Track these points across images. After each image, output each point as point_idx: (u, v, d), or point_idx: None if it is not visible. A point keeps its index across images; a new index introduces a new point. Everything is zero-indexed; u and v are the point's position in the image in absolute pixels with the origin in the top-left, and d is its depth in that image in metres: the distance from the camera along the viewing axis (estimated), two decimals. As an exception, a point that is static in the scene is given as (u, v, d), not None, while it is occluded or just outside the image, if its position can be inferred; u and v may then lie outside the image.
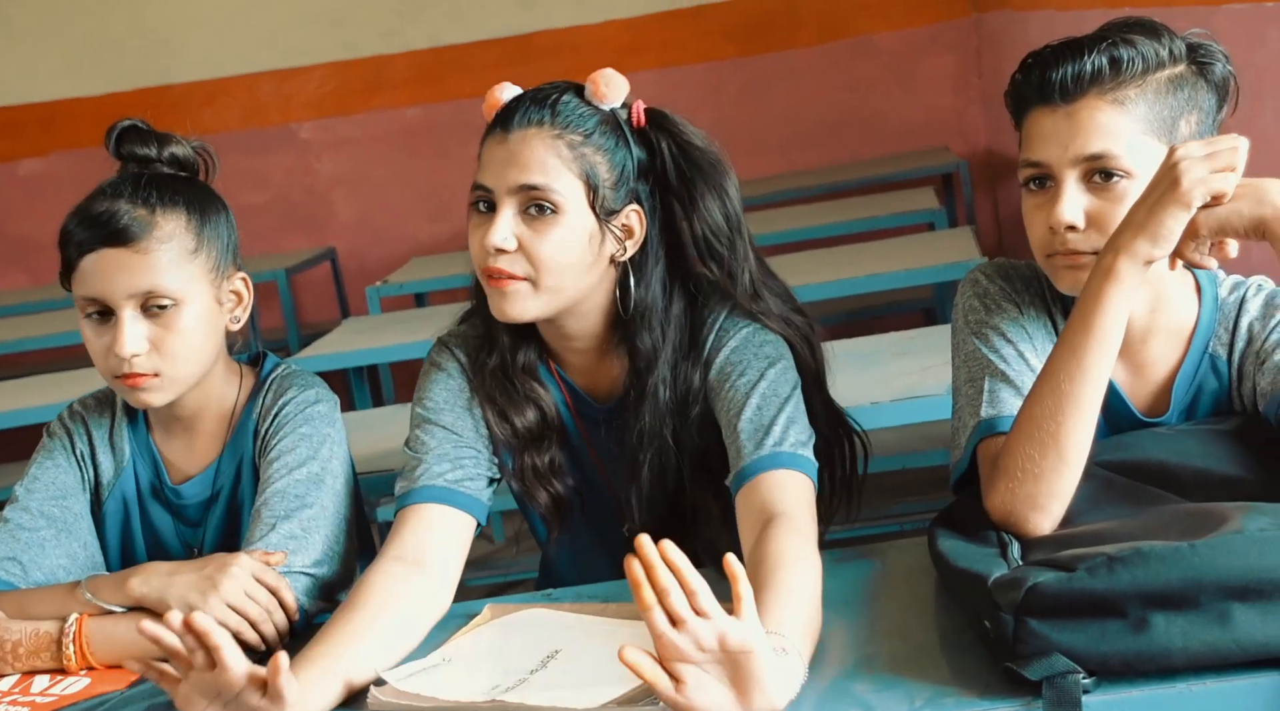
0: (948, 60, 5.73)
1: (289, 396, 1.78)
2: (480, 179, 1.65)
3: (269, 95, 5.92)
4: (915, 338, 2.63)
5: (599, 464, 1.79)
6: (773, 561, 1.42)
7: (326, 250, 5.60)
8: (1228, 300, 1.58)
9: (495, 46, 5.75)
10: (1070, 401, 1.42)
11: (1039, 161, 1.51)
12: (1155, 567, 1.21)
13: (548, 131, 1.62)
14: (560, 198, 1.62)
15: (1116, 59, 1.47)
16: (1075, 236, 1.49)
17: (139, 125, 1.76)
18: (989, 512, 1.47)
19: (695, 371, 1.69)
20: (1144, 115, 1.47)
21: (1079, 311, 1.44)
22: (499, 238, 1.61)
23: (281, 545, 1.64)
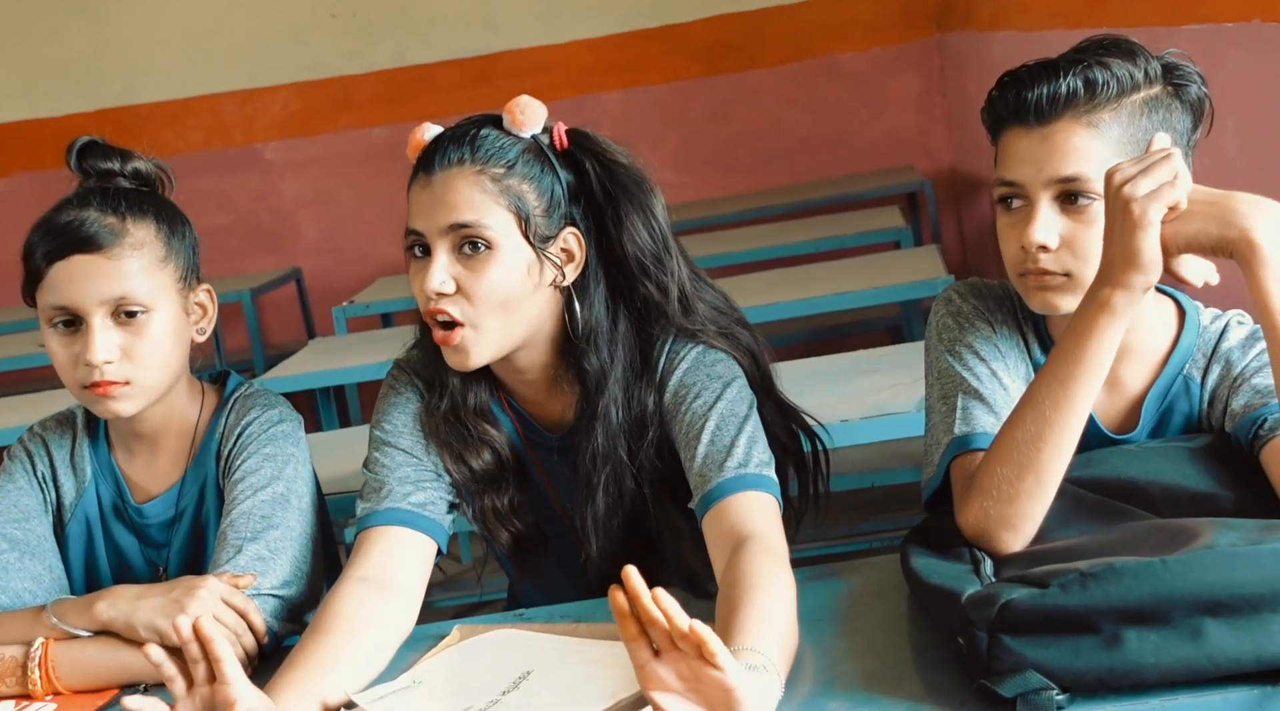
0: (911, 80, 5.77)
1: (252, 416, 1.77)
2: (411, 224, 1.63)
3: (233, 115, 5.90)
4: (883, 356, 2.64)
5: (553, 493, 1.78)
6: (746, 583, 1.42)
7: (292, 271, 5.57)
8: (1209, 328, 1.59)
9: (460, 67, 5.76)
10: (1052, 428, 1.42)
11: (1013, 181, 1.51)
12: (1128, 583, 1.21)
13: (469, 168, 1.60)
14: (491, 233, 1.60)
15: (1091, 81, 1.47)
16: (1047, 257, 1.49)
17: (98, 141, 1.76)
18: (961, 529, 1.47)
19: (649, 394, 1.68)
20: (1118, 138, 1.48)
21: (1069, 341, 1.43)
22: (436, 282, 1.59)
23: (249, 567, 1.63)
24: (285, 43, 5.83)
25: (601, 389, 1.67)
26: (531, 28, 5.74)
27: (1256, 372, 1.53)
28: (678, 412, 1.65)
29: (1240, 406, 1.52)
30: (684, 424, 1.64)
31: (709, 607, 1.54)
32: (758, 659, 1.28)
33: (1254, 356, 1.55)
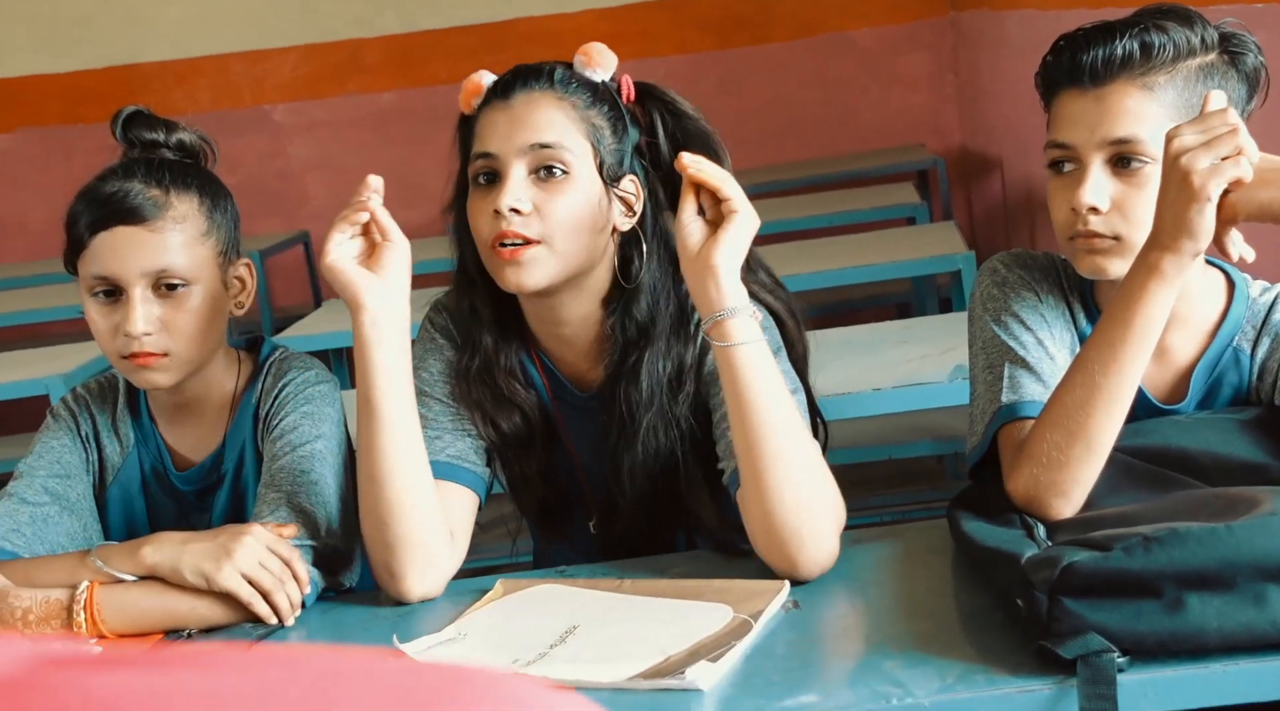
0: (924, 58, 5.76)
1: (289, 377, 1.78)
2: (482, 147, 1.62)
3: (241, 76, 5.86)
4: (912, 326, 2.64)
5: (574, 454, 1.78)
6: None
7: (299, 234, 5.55)
8: (1258, 300, 1.58)
9: (472, 33, 5.72)
10: (1103, 394, 1.42)
11: (1065, 143, 1.51)
12: (1192, 548, 1.21)
13: (552, 94, 1.62)
14: (571, 157, 1.60)
15: (1148, 44, 1.47)
16: (1097, 219, 1.49)
17: (144, 111, 1.75)
18: (1010, 496, 1.47)
19: (686, 349, 1.68)
20: (1172, 101, 1.48)
21: (1119, 305, 1.43)
22: (512, 198, 1.58)
23: (290, 519, 1.63)
24: (295, 4, 5.79)
25: (649, 338, 1.66)
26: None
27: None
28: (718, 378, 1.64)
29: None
30: None
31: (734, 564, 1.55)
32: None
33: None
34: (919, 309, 4.46)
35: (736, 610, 1.44)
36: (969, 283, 3.17)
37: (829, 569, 1.50)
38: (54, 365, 3.21)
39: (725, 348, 1.49)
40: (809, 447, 1.52)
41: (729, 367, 1.50)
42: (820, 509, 1.50)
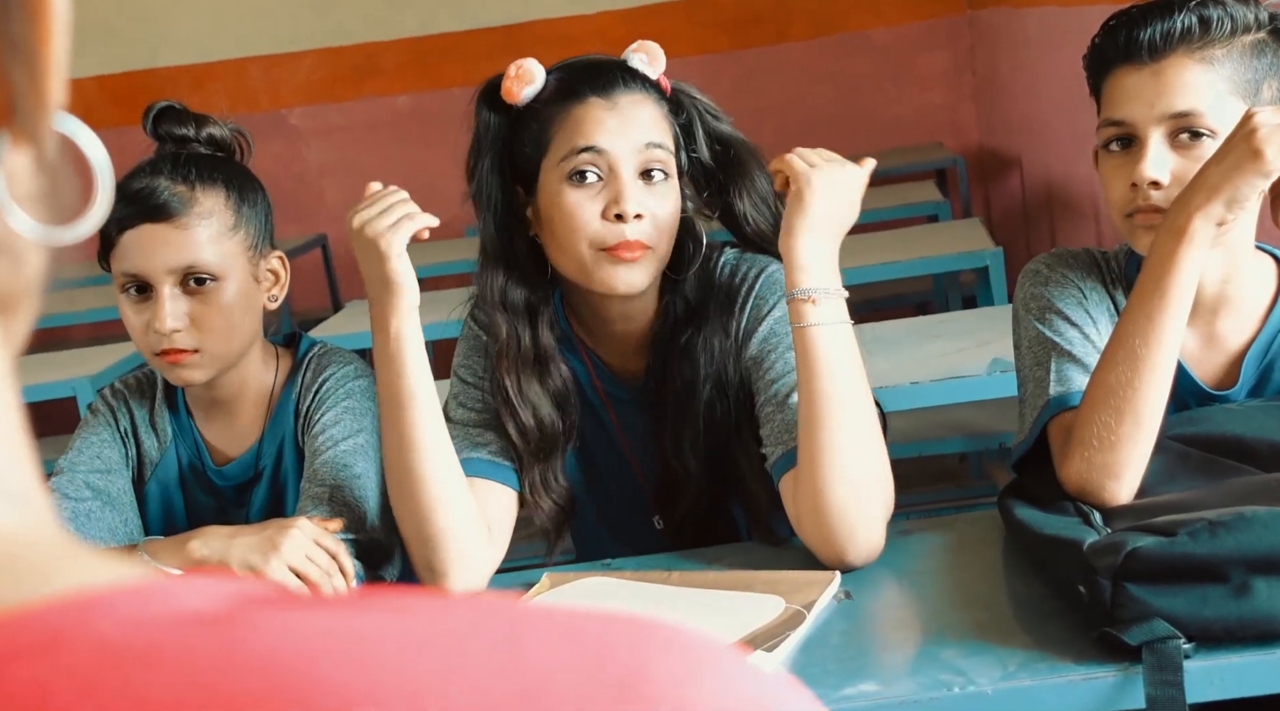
0: (941, 57, 5.74)
1: (330, 372, 1.77)
2: (588, 141, 1.59)
3: (258, 80, 5.86)
4: (947, 321, 2.62)
5: (629, 452, 1.76)
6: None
7: (317, 237, 5.55)
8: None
9: (488, 35, 5.72)
10: (1145, 365, 1.41)
11: (1122, 119, 1.50)
12: (1258, 532, 1.20)
13: (650, 97, 1.63)
14: (671, 161, 1.63)
15: (1206, 18, 1.46)
16: (1158, 194, 1.48)
17: (175, 106, 1.74)
18: (1064, 483, 1.45)
19: (732, 321, 1.68)
20: (1230, 75, 1.47)
21: (1150, 273, 1.43)
22: (634, 203, 1.57)
23: (335, 513, 1.62)
24: (311, 8, 5.79)
25: (703, 315, 1.67)
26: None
27: None
28: (765, 361, 1.63)
29: None
30: (773, 370, 1.62)
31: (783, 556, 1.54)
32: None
33: None
34: (941, 306, 4.44)
35: (788, 601, 1.43)
36: (996, 278, 3.16)
37: (875, 558, 1.49)
38: (81, 367, 3.21)
39: (798, 328, 1.50)
40: (873, 434, 1.51)
41: (800, 346, 1.50)
42: (874, 495, 1.49)
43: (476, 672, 0.31)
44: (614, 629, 0.34)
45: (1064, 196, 4.62)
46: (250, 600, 0.32)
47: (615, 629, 0.34)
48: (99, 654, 0.30)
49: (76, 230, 0.38)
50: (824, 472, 1.47)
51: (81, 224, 0.38)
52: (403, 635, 0.31)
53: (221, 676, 0.30)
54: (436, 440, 1.56)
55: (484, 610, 0.33)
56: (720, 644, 0.35)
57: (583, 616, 0.34)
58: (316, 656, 0.30)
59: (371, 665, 0.30)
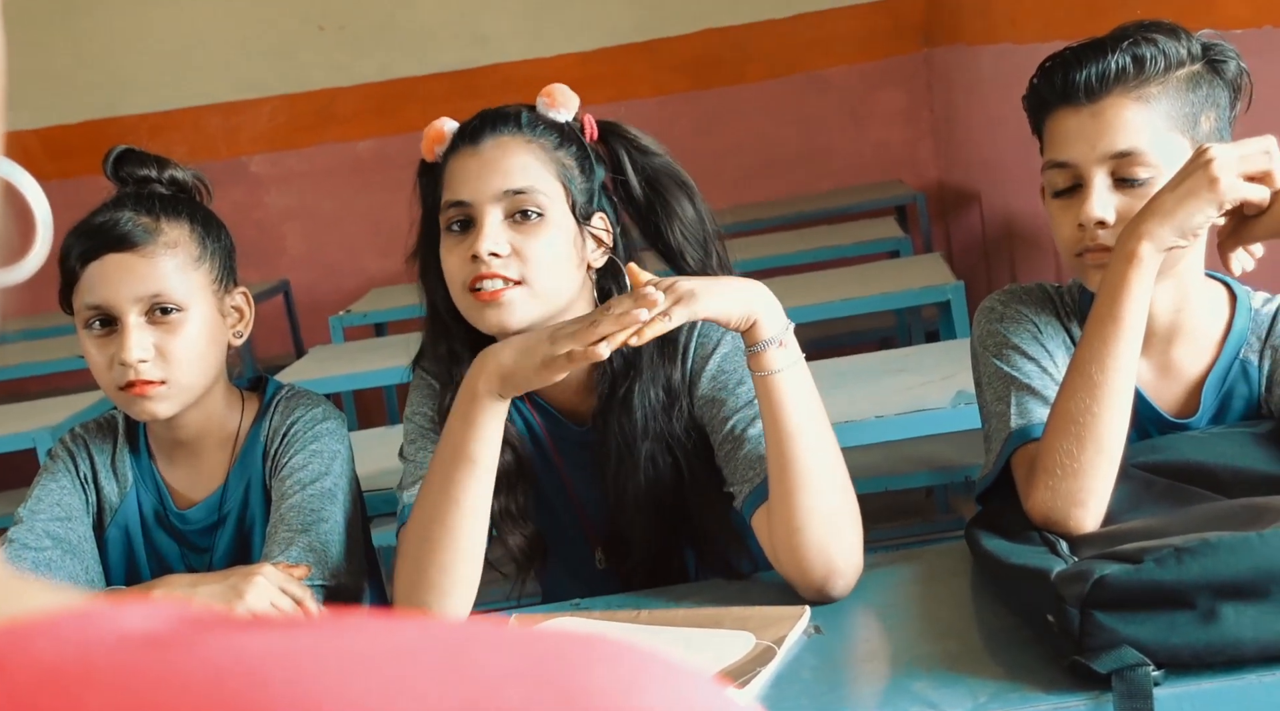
0: (898, 94, 5.80)
1: (298, 415, 1.76)
2: (454, 196, 1.60)
3: (217, 128, 5.86)
4: (910, 355, 2.63)
5: (570, 489, 1.76)
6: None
7: (280, 283, 5.53)
8: (1261, 311, 1.59)
9: (447, 79, 5.74)
10: (1103, 391, 1.43)
11: (1065, 161, 1.52)
12: (1224, 558, 1.20)
13: (521, 137, 1.61)
14: (545, 200, 1.60)
15: (1140, 57, 1.48)
16: (1105, 233, 1.50)
17: (135, 149, 1.74)
18: (1030, 513, 1.46)
19: (673, 368, 1.67)
20: (1167, 111, 1.49)
21: (1102, 299, 1.45)
22: (491, 243, 1.57)
23: (302, 558, 1.61)
24: (271, 55, 5.80)
25: (635, 368, 1.65)
26: (520, 41, 5.74)
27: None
28: (717, 399, 1.63)
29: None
30: (728, 409, 1.61)
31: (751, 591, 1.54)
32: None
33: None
34: (904, 341, 4.47)
35: (759, 636, 1.42)
36: (958, 312, 3.18)
37: (852, 588, 1.49)
38: (41, 418, 3.18)
39: (764, 376, 1.50)
40: (840, 464, 1.52)
41: (767, 392, 1.50)
42: (849, 526, 1.50)
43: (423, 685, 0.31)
44: (560, 642, 0.34)
45: (1023, 230, 4.66)
46: (192, 622, 0.32)
47: (561, 642, 0.34)
48: (39, 676, 0.30)
49: (15, 273, 0.38)
50: (801, 512, 1.47)
51: (21, 267, 0.38)
52: (348, 650, 0.31)
53: (163, 696, 0.29)
54: (480, 506, 1.56)
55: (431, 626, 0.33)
56: (665, 656, 0.35)
57: (529, 632, 0.35)
58: (259, 674, 0.30)
59: (316, 680, 0.30)
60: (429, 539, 1.55)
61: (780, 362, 1.49)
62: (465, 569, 1.55)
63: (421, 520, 1.56)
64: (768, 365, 1.49)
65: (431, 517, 1.55)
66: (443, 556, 1.54)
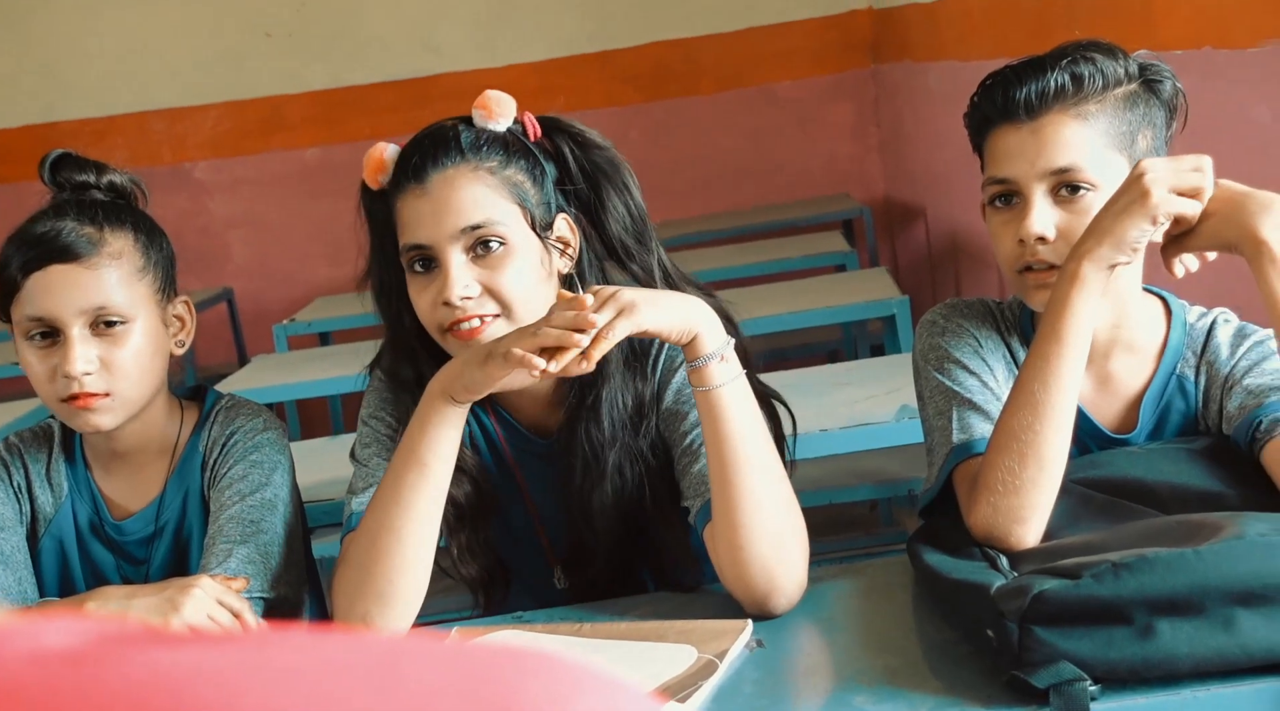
0: (847, 109, 5.83)
1: (238, 425, 1.74)
2: (411, 240, 1.58)
3: (162, 134, 5.80)
4: (855, 369, 2.65)
5: (530, 504, 1.75)
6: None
7: (223, 291, 5.48)
8: (1196, 325, 1.61)
9: (397, 88, 5.72)
10: (1045, 409, 1.44)
11: (1005, 177, 1.53)
12: (1161, 574, 1.21)
13: (465, 167, 1.56)
14: (504, 229, 1.57)
15: (1078, 75, 1.50)
16: (1045, 248, 1.52)
17: (72, 153, 1.72)
18: (971, 529, 1.47)
19: (643, 382, 1.66)
20: (1105, 129, 1.51)
21: (1047, 319, 1.46)
22: (460, 288, 1.55)
23: (240, 570, 1.59)
24: (218, 61, 5.75)
25: (603, 375, 1.64)
26: (471, 51, 5.72)
27: (1247, 373, 1.56)
28: (680, 412, 1.63)
29: (1235, 408, 1.54)
30: (687, 422, 1.61)
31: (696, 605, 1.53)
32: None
33: (1243, 355, 1.57)
34: (850, 355, 4.49)
35: (701, 650, 1.42)
36: (903, 327, 3.20)
37: (798, 602, 1.49)
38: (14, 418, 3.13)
39: (705, 391, 1.49)
40: (782, 480, 1.51)
41: (708, 408, 1.49)
42: (793, 541, 1.49)
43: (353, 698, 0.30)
44: (492, 658, 0.34)
45: (968, 246, 4.70)
46: (113, 638, 0.31)
47: (493, 658, 0.34)
48: None
49: None
50: (743, 528, 1.47)
51: None
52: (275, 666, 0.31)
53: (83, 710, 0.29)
54: (431, 514, 1.54)
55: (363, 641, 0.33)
56: (598, 671, 0.35)
57: (461, 647, 0.34)
58: (181, 691, 0.29)
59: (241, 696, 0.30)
60: (377, 546, 1.53)
61: (721, 377, 1.48)
62: (411, 579, 1.54)
63: (371, 527, 1.54)
64: (709, 380, 1.48)
65: (382, 524, 1.53)
66: (389, 565, 1.52)
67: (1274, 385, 1.51)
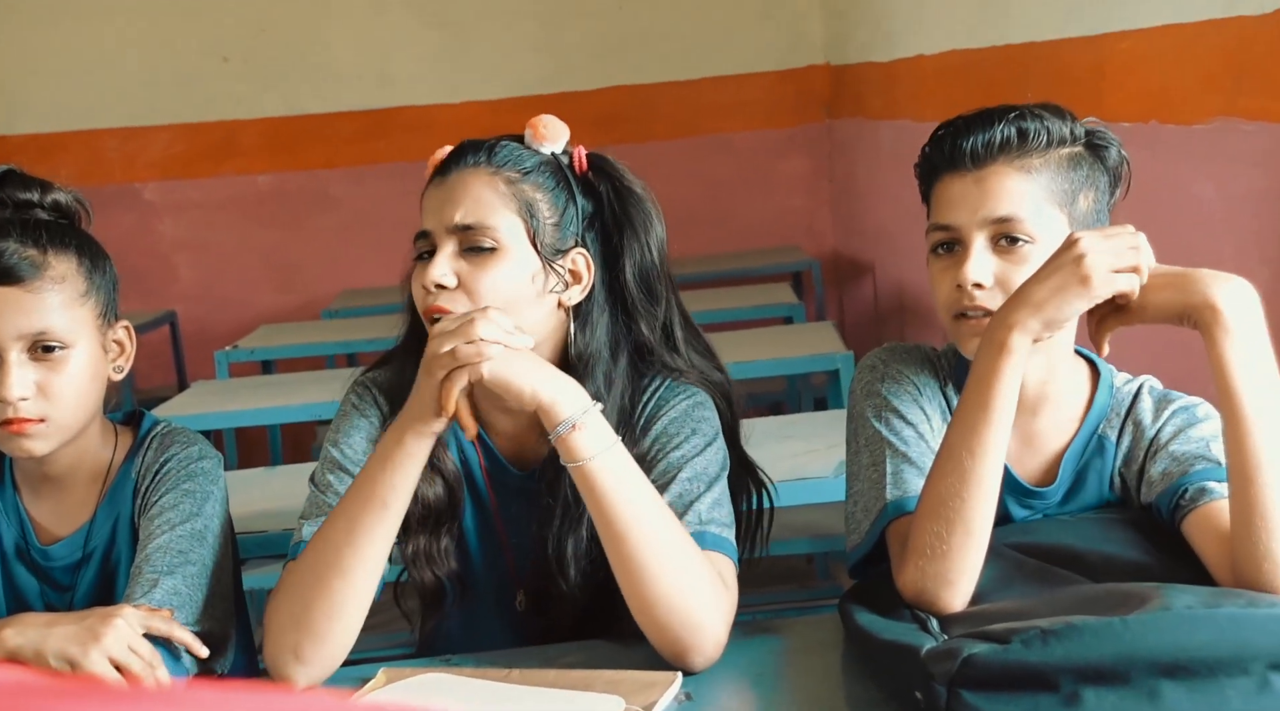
0: (800, 163, 5.88)
1: (172, 452, 1.72)
2: (422, 225, 1.63)
3: (113, 153, 5.76)
4: (797, 422, 2.65)
5: (503, 534, 1.73)
6: None
7: (167, 313, 5.43)
8: (1122, 389, 1.64)
9: (352, 119, 5.71)
10: (972, 476, 1.45)
11: (948, 224, 1.56)
12: (1089, 642, 1.22)
13: (484, 170, 1.61)
14: (498, 235, 1.59)
15: (1024, 130, 1.53)
16: (981, 295, 1.54)
17: (16, 170, 1.69)
18: (901, 591, 1.47)
19: (628, 437, 1.64)
20: (1047, 185, 1.54)
21: (973, 387, 1.47)
22: (438, 273, 1.58)
23: (165, 602, 1.56)
24: (173, 83, 5.73)
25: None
26: (427, 86, 5.73)
27: (1173, 438, 1.58)
28: (654, 457, 1.62)
29: (1159, 474, 1.56)
30: (657, 470, 1.61)
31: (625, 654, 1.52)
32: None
33: (1168, 420, 1.59)
34: (793, 407, 4.50)
35: (629, 701, 1.41)
36: (846, 382, 3.21)
37: (718, 658, 1.48)
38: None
39: (574, 467, 1.48)
40: (676, 545, 1.49)
41: (579, 484, 1.48)
42: (701, 603, 1.47)
43: None
44: None
45: (914, 303, 4.74)
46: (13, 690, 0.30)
47: None
48: None
49: None
50: (640, 598, 1.47)
51: None
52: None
53: None
54: (380, 551, 1.53)
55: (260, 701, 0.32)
56: None
57: (356, 707, 0.34)
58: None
59: None
60: (321, 582, 1.51)
61: (587, 450, 1.47)
62: (350, 619, 1.52)
63: (316, 562, 1.52)
64: (571, 454, 1.47)
65: (329, 563, 1.51)
66: (331, 603, 1.51)
67: (1199, 453, 1.53)
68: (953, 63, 4.16)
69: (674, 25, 5.81)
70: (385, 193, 5.52)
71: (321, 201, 5.69)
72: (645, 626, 1.48)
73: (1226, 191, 2.66)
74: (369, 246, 5.56)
